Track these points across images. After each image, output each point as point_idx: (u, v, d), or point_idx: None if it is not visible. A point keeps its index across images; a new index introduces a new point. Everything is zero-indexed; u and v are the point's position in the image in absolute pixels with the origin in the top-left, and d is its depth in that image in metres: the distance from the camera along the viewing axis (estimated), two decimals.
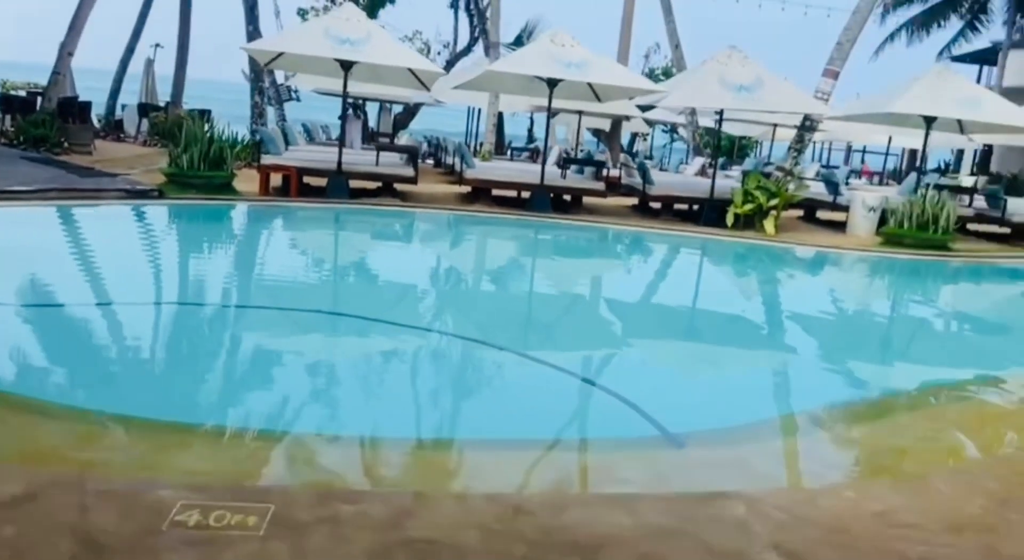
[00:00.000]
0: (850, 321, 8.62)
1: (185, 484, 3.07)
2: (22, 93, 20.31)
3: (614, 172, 15.94)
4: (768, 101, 12.24)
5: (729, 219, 12.74)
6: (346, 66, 12.15)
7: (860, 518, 3.00)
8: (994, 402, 5.28)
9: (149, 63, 21.91)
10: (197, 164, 11.10)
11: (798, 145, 14.12)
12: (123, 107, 20.65)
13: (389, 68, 12.69)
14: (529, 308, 7.75)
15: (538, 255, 11.35)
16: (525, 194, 13.69)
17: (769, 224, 12.47)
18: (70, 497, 2.92)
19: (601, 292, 9.09)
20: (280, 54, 12.90)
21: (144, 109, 19.97)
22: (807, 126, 13.90)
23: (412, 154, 13.44)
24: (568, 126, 23.02)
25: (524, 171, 14.19)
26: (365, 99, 21.66)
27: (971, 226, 13.65)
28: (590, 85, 13.62)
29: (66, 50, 15.74)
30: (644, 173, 13.67)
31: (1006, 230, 13.63)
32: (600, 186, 13.51)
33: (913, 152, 28.79)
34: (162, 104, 21.16)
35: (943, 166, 27.03)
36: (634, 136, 28.07)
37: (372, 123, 25.45)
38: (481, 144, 19.92)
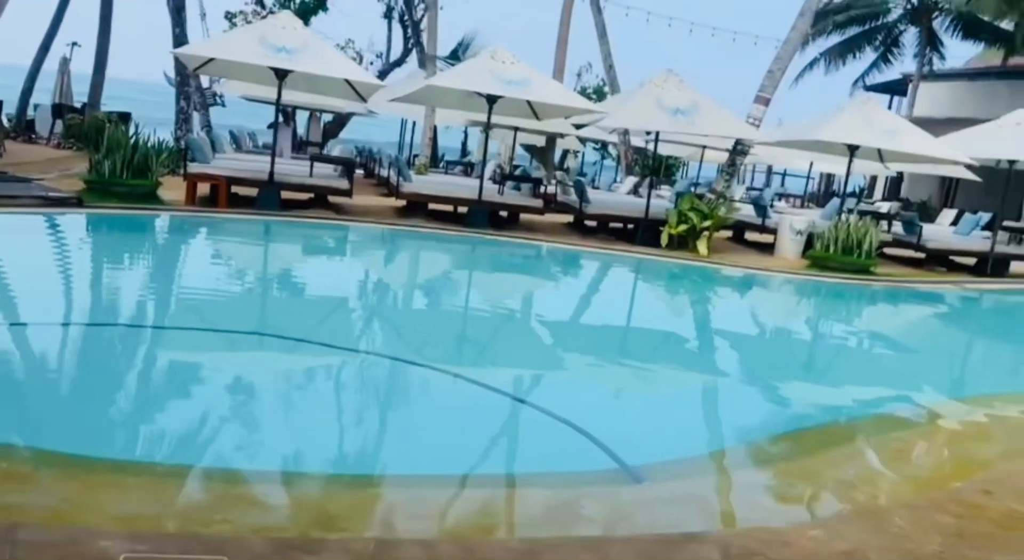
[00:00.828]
0: (786, 344, 8.85)
1: (127, 533, 2.83)
2: None
3: (550, 189, 16.01)
4: (703, 125, 12.51)
5: (664, 239, 12.94)
6: (281, 75, 11.80)
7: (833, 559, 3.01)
8: (931, 427, 5.46)
9: (65, 62, 20.84)
10: (120, 171, 10.56)
11: (730, 168, 14.49)
12: (35, 107, 19.58)
13: (325, 78, 12.40)
14: (468, 328, 7.63)
15: (477, 272, 11.26)
16: (462, 209, 13.61)
17: (702, 245, 12.71)
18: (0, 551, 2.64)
19: (541, 311, 9.04)
20: (211, 59, 12.44)
21: (58, 110, 19.00)
22: (739, 150, 14.28)
23: (348, 166, 13.15)
24: (502, 141, 23.03)
25: (461, 186, 14.08)
26: (296, 107, 21.15)
27: (888, 250, 14.27)
28: (529, 103, 13.67)
29: None
30: (581, 191, 13.77)
31: (921, 255, 14.29)
32: (538, 203, 13.53)
33: (830, 176, 30.06)
34: (78, 105, 20.16)
35: (858, 191, 28.25)
36: (565, 153, 28.31)
37: (301, 131, 24.89)
38: (415, 157, 19.72)
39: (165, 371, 5.42)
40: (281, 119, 22.18)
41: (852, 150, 13.17)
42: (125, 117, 19.22)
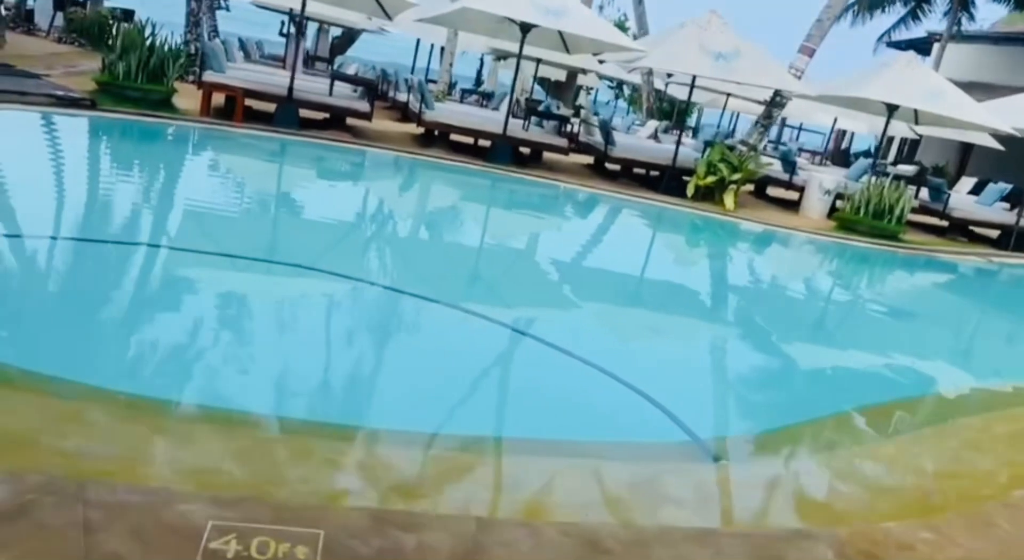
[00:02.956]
0: (834, 311, 8.59)
1: (210, 497, 2.58)
2: None
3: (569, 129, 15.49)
4: (744, 73, 12.00)
5: (690, 190, 12.60)
6: None
7: None
8: (998, 413, 5.30)
9: None
10: (134, 75, 9.96)
11: (766, 121, 14.03)
12: None
13: None
14: (501, 273, 7.31)
15: (508, 213, 10.83)
16: (483, 142, 13.14)
17: (729, 198, 12.38)
18: (71, 511, 2.38)
19: (573, 261, 8.69)
20: None
21: (60, 2, 18.00)
22: (777, 101, 13.79)
23: (370, 87, 12.57)
24: (521, 72, 22.27)
25: (484, 118, 13.54)
26: (308, 18, 20.19)
27: (911, 217, 14.01)
28: (561, 34, 13.06)
29: None
30: (607, 133, 13.30)
31: (943, 223, 14.05)
32: (564, 142, 13.08)
33: (843, 133, 29.52)
34: None
35: (873, 151, 27.84)
36: (579, 89, 27.54)
37: (308, 45, 23.89)
38: (431, 82, 18.98)
39: (235, 301, 5.07)
40: (288, 30, 21.31)
41: (891, 110, 12.75)
42: (128, 14, 18.28)
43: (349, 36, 23.79)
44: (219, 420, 3.36)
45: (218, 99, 11.31)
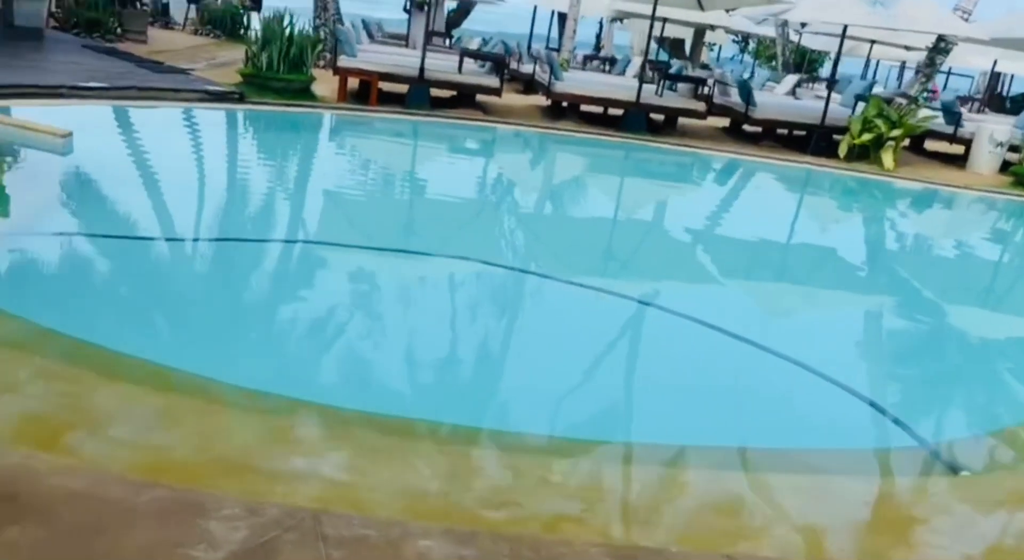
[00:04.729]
0: (1013, 281, 7.76)
1: (442, 531, 2.43)
2: None
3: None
4: (903, 19, 10.96)
5: (842, 150, 11.73)
6: None
7: None
8: None
9: None
10: (276, 65, 10.13)
11: (928, 69, 12.86)
12: None
13: None
14: (669, 252, 6.95)
15: (657, 186, 10.30)
16: (612, 111, 12.69)
17: (888, 157, 11.43)
18: (312, 550, 2.28)
19: (737, 235, 8.19)
20: None
21: None
22: (941, 48, 12.57)
23: (499, 62, 12.33)
24: (641, 33, 21.46)
25: (614, 86, 13.05)
26: None
27: None
28: None
29: None
30: (747, 93, 12.53)
31: None
32: (701, 106, 12.44)
33: (996, 76, 26.83)
34: None
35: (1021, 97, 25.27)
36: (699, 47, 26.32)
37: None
38: (553, 51, 18.54)
39: (425, 301, 4.96)
40: (412, 7, 21.33)
41: None
42: (257, 3, 18.84)
43: (465, 9, 23.60)
44: (429, 435, 3.24)
45: (352, 83, 11.39)
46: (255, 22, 17.77)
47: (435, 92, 11.85)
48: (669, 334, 4.82)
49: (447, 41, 20.16)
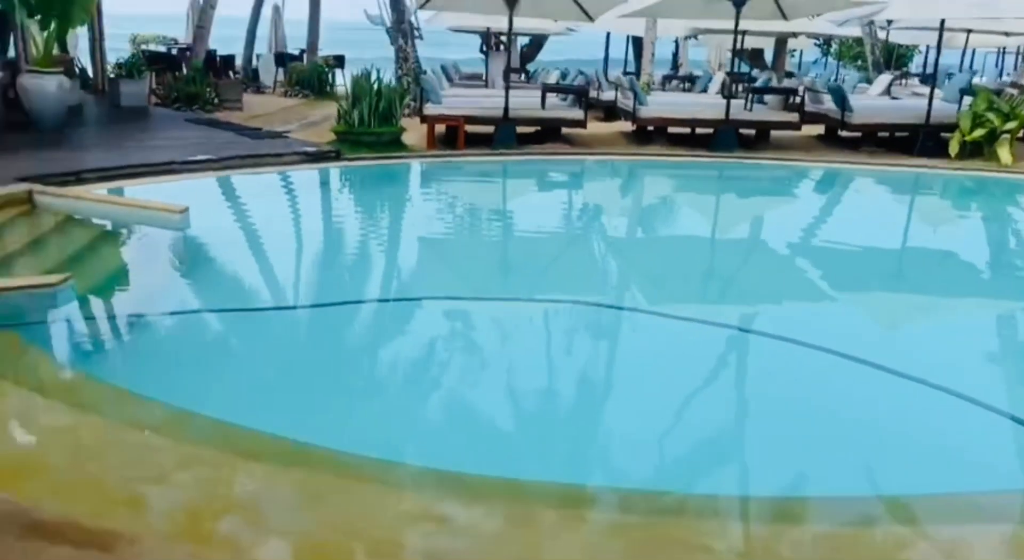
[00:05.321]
0: None
1: None
2: (155, 47, 20.24)
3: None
4: (1012, 7, 10.31)
5: (953, 148, 11.08)
6: (511, 1, 11.05)
7: None
8: None
9: (277, 10, 21.41)
10: (367, 120, 10.40)
11: None
12: (258, 57, 20.31)
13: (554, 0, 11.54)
14: (794, 279, 6.64)
15: (764, 206, 9.91)
16: (701, 130, 12.42)
17: (1004, 151, 10.73)
18: None
19: (862, 250, 7.76)
20: None
21: (280, 59, 19.56)
22: None
23: (581, 94, 12.30)
24: (718, 47, 21.13)
25: (699, 105, 12.80)
26: (500, 33, 20.43)
27: None
28: (776, 2, 12.02)
29: (208, 3, 15.27)
30: (841, 98, 12.04)
31: None
32: (794, 117, 12.03)
33: None
34: (295, 52, 20.69)
35: None
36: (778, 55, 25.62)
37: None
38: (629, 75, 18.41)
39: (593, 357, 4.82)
40: (488, 46, 21.70)
41: None
42: (340, 59, 19.48)
43: (538, 43, 23.83)
44: (595, 503, 3.10)
45: (439, 128, 11.57)
46: (340, 78, 18.43)
47: (520, 128, 11.91)
48: (808, 369, 4.55)
49: (523, 76, 20.36)
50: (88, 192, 7.16)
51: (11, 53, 11.63)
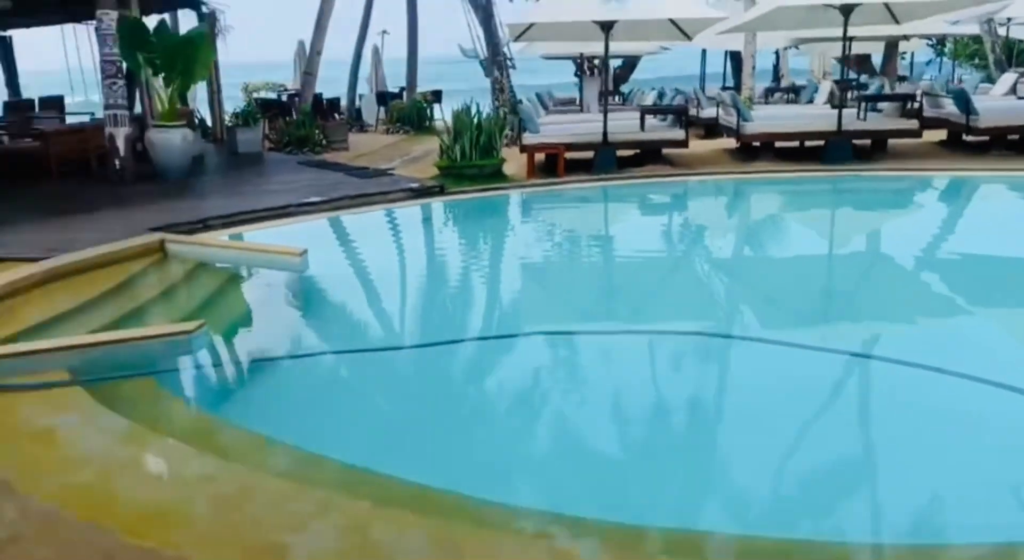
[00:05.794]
0: None
1: None
2: (265, 94, 21.26)
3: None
4: None
5: None
6: (607, 27, 11.00)
7: None
8: None
9: (376, 51, 22.15)
10: (469, 154, 10.54)
11: None
12: (360, 97, 21.01)
13: (649, 21, 11.39)
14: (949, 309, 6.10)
15: (904, 218, 9.38)
16: (810, 142, 11.94)
17: None
18: None
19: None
20: (531, 25, 11.97)
21: (382, 97, 20.19)
22: None
23: (681, 114, 12.08)
24: (821, 56, 20.41)
25: (809, 116, 12.33)
26: (594, 57, 20.45)
27: None
28: (887, 6, 11.46)
29: (315, 49, 15.95)
30: (965, 102, 11.33)
31: None
32: (913, 124, 11.40)
33: None
34: (395, 90, 21.32)
35: None
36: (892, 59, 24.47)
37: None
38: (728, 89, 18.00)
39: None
40: (582, 71, 21.75)
41: None
42: (437, 94, 19.94)
43: (631, 64, 23.67)
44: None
45: (538, 156, 11.58)
46: (437, 112, 18.85)
47: (619, 151, 11.78)
48: (955, 401, 4.20)
49: (618, 98, 20.26)
50: (214, 239, 7.51)
51: (138, 109, 12.45)
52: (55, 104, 15.17)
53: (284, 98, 18.32)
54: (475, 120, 10.74)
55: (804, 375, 4.66)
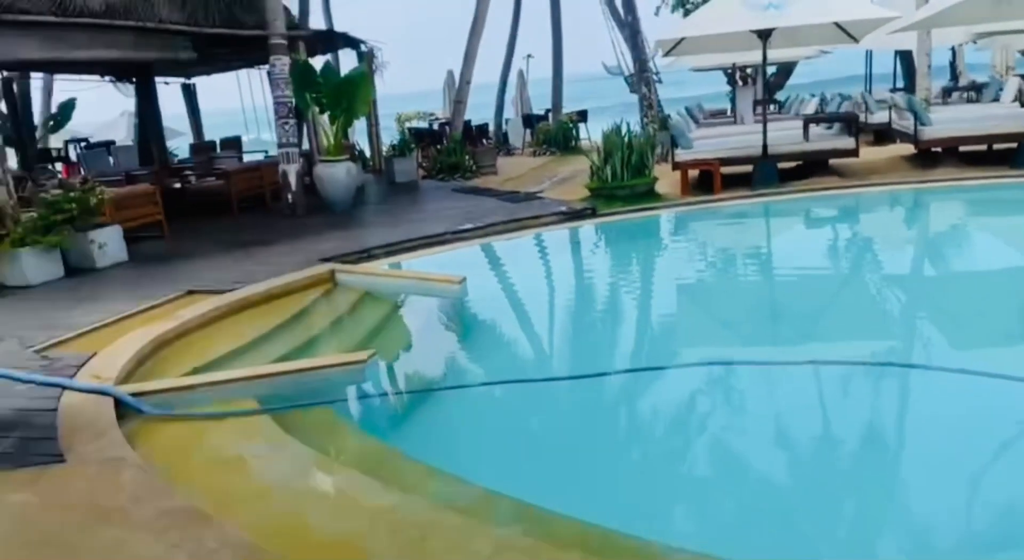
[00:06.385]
0: None
1: None
2: (417, 123, 22.06)
3: None
4: None
5: None
6: (764, 35, 10.52)
7: None
8: None
9: (521, 75, 22.49)
10: (620, 174, 10.38)
11: None
12: (507, 120, 21.37)
13: (811, 26, 10.79)
14: None
15: None
16: (998, 146, 10.84)
17: None
18: None
19: None
20: (681, 39, 11.67)
21: (527, 120, 20.44)
22: None
23: (851, 121, 11.34)
24: (1004, 50, 18.65)
25: (997, 117, 11.19)
26: (747, 66, 19.75)
27: None
28: None
29: (464, 79, 16.39)
30: None
31: None
32: None
33: None
34: (539, 112, 21.53)
35: None
36: None
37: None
38: (896, 92, 16.77)
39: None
40: (734, 81, 21.06)
41: None
42: (583, 114, 19.91)
43: (787, 69, 22.63)
44: None
45: (692, 172, 11.22)
46: (583, 132, 18.82)
47: (780, 164, 11.19)
48: None
49: (773, 106, 19.39)
50: (378, 268, 7.77)
51: (304, 145, 13.25)
52: (233, 144, 16.46)
53: (435, 127, 18.93)
54: (626, 139, 10.56)
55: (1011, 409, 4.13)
